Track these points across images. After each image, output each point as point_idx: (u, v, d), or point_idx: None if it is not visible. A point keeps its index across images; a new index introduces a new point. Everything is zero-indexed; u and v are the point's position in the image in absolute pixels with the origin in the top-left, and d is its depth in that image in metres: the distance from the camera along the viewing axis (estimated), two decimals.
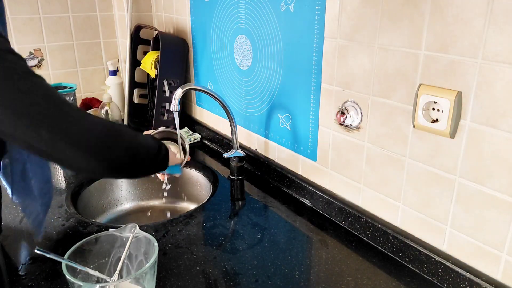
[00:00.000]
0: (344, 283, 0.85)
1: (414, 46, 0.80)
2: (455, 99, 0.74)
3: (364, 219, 0.99)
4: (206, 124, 1.63)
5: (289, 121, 1.18)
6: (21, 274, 0.87)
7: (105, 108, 1.68)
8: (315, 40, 1.02)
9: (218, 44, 1.43)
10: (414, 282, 0.85)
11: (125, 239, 0.80)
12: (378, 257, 0.93)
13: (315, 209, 1.13)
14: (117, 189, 1.41)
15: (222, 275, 0.88)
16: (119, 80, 1.87)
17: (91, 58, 1.89)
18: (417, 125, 0.82)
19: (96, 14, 1.85)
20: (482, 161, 0.74)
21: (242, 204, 1.18)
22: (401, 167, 0.88)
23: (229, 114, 1.23)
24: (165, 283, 0.85)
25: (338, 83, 0.99)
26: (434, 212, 0.84)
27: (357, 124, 0.96)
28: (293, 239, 1.00)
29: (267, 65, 1.21)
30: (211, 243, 0.99)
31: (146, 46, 1.76)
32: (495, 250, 0.75)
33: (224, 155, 1.29)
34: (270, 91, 1.22)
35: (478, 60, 0.70)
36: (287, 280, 0.86)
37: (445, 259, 0.82)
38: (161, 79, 1.56)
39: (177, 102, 1.11)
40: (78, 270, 0.74)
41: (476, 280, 0.77)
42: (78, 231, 1.03)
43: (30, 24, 1.72)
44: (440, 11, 0.74)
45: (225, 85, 1.45)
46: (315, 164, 1.13)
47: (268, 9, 1.15)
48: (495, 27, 0.67)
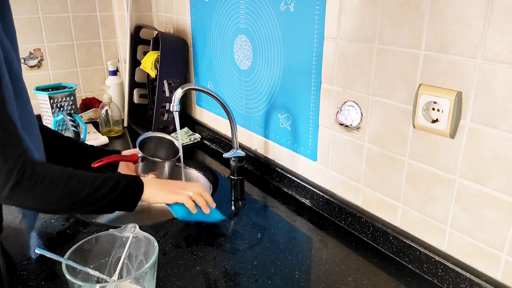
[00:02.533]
0: (344, 283, 0.85)
1: (414, 46, 0.80)
2: (455, 99, 0.74)
3: (364, 219, 0.99)
4: (206, 124, 1.63)
5: (289, 121, 1.18)
6: (21, 274, 0.87)
7: (105, 108, 1.68)
8: (315, 40, 1.02)
9: (218, 44, 1.43)
10: (414, 282, 0.85)
11: (125, 239, 0.80)
12: (378, 257, 0.93)
13: (315, 209, 1.13)
14: None
15: (222, 275, 0.88)
16: (119, 80, 1.86)
17: (91, 58, 1.89)
18: (417, 125, 0.82)
19: (96, 14, 1.85)
20: (482, 161, 0.74)
21: (242, 204, 1.18)
22: (401, 167, 0.88)
23: (229, 114, 1.23)
24: (165, 283, 0.85)
25: (338, 83, 0.99)
26: (434, 212, 0.84)
27: (357, 124, 0.96)
28: (293, 239, 1.00)
29: (267, 65, 1.21)
30: (211, 243, 0.99)
31: (146, 46, 1.76)
32: (495, 250, 0.75)
33: (224, 155, 1.29)
34: (270, 91, 1.22)
35: (478, 60, 0.70)
36: (287, 280, 0.86)
37: (445, 259, 0.82)
38: (161, 79, 1.56)
39: (177, 102, 1.11)
40: (78, 270, 0.74)
41: (476, 280, 0.77)
42: (78, 231, 1.03)
43: (30, 24, 1.72)
44: (440, 11, 0.74)
45: (225, 85, 1.45)
46: (315, 164, 1.13)
47: (268, 9, 1.15)
48: (495, 27, 0.67)
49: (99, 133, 1.69)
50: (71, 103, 1.62)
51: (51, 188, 0.72)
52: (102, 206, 0.82)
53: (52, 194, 0.73)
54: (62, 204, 0.76)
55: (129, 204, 0.87)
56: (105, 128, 1.70)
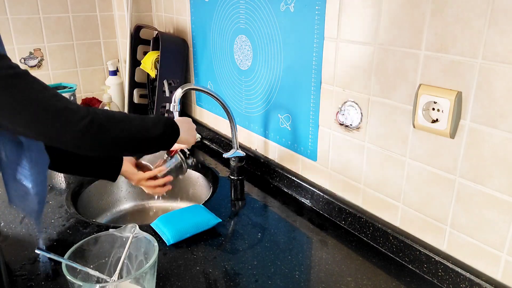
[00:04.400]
0: (344, 283, 0.85)
1: (414, 46, 0.80)
2: (455, 99, 0.74)
3: (364, 219, 0.99)
4: (206, 124, 1.63)
5: (289, 121, 1.18)
6: (21, 274, 0.87)
7: (105, 108, 1.68)
8: (315, 40, 1.02)
9: (218, 44, 1.43)
10: (414, 282, 0.85)
11: (125, 239, 0.80)
12: (378, 257, 0.93)
13: (315, 209, 1.13)
14: (117, 189, 1.41)
15: (222, 275, 0.88)
16: (119, 80, 1.86)
17: (91, 58, 1.89)
18: (417, 125, 0.82)
19: (96, 14, 1.85)
20: (482, 161, 0.74)
21: (242, 204, 1.18)
22: (401, 167, 0.88)
23: (229, 114, 1.23)
24: (165, 283, 0.85)
25: (338, 83, 0.99)
26: (434, 212, 0.84)
27: (357, 124, 0.96)
28: (293, 239, 1.00)
29: (267, 65, 1.21)
30: (211, 243, 0.99)
31: (146, 46, 1.76)
32: (495, 250, 0.75)
33: (224, 155, 1.29)
34: (270, 91, 1.22)
35: (478, 60, 0.70)
36: (287, 280, 0.86)
37: (445, 259, 0.82)
38: (161, 79, 1.56)
39: (177, 102, 1.11)
40: (78, 270, 0.74)
41: (476, 280, 0.77)
42: (78, 231, 1.03)
43: (30, 24, 1.72)
44: (440, 11, 0.74)
45: (225, 85, 1.45)
46: (315, 164, 1.13)
47: (268, 9, 1.15)
48: (495, 27, 0.67)
49: None
50: None
51: (120, 128, 0.80)
52: (154, 146, 0.89)
53: (120, 134, 0.80)
54: (125, 143, 0.82)
55: (169, 144, 0.94)
56: None
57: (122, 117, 0.82)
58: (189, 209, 1.07)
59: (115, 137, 0.79)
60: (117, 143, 0.80)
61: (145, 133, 0.84)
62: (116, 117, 0.80)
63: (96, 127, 0.74)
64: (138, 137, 0.83)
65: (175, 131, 0.93)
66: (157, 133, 0.87)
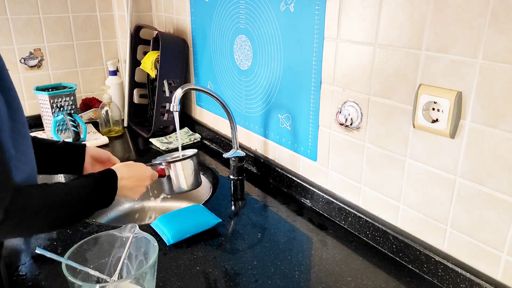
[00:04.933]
0: (344, 283, 0.85)
1: (414, 46, 0.80)
2: (455, 99, 0.74)
3: (364, 219, 0.99)
4: (206, 124, 1.63)
5: (289, 121, 1.18)
6: (21, 274, 0.87)
7: (105, 108, 1.68)
8: (315, 40, 1.02)
9: (218, 44, 1.43)
10: (414, 282, 0.85)
11: (125, 239, 0.80)
12: (378, 257, 0.93)
13: (315, 209, 1.13)
14: None
15: (222, 275, 0.88)
16: (119, 80, 1.86)
17: (91, 58, 1.89)
18: (417, 125, 0.82)
19: (96, 14, 1.85)
20: (482, 161, 0.74)
21: (242, 204, 1.18)
22: (401, 167, 0.88)
23: (229, 114, 1.23)
24: (165, 283, 0.85)
25: (338, 83, 0.99)
26: (434, 212, 0.84)
27: (357, 124, 0.96)
28: (293, 239, 1.00)
29: (267, 65, 1.21)
30: (211, 243, 0.99)
31: (146, 46, 1.75)
32: (495, 250, 0.75)
33: (224, 155, 1.29)
34: (270, 91, 1.22)
35: (478, 60, 0.70)
36: (287, 280, 0.86)
37: (445, 259, 0.82)
38: (161, 79, 1.56)
39: (177, 102, 1.11)
40: (78, 270, 0.74)
41: (476, 280, 0.77)
42: (78, 231, 1.03)
43: (30, 24, 1.71)
44: (440, 11, 0.74)
45: (225, 85, 1.45)
46: (315, 164, 1.13)
47: (268, 9, 1.15)
48: (495, 27, 0.67)
49: (99, 133, 1.69)
50: (71, 103, 1.62)
51: (39, 218, 0.69)
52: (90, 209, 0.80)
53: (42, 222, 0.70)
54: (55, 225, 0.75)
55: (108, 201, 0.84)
56: (105, 128, 1.70)
57: (45, 201, 0.70)
58: (189, 209, 1.07)
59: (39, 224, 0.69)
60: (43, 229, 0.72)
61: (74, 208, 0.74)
62: (37, 204, 0.68)
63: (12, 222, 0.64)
64: (68, 214, 0.74)
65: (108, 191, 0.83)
66: (86, 201, 0.77)
